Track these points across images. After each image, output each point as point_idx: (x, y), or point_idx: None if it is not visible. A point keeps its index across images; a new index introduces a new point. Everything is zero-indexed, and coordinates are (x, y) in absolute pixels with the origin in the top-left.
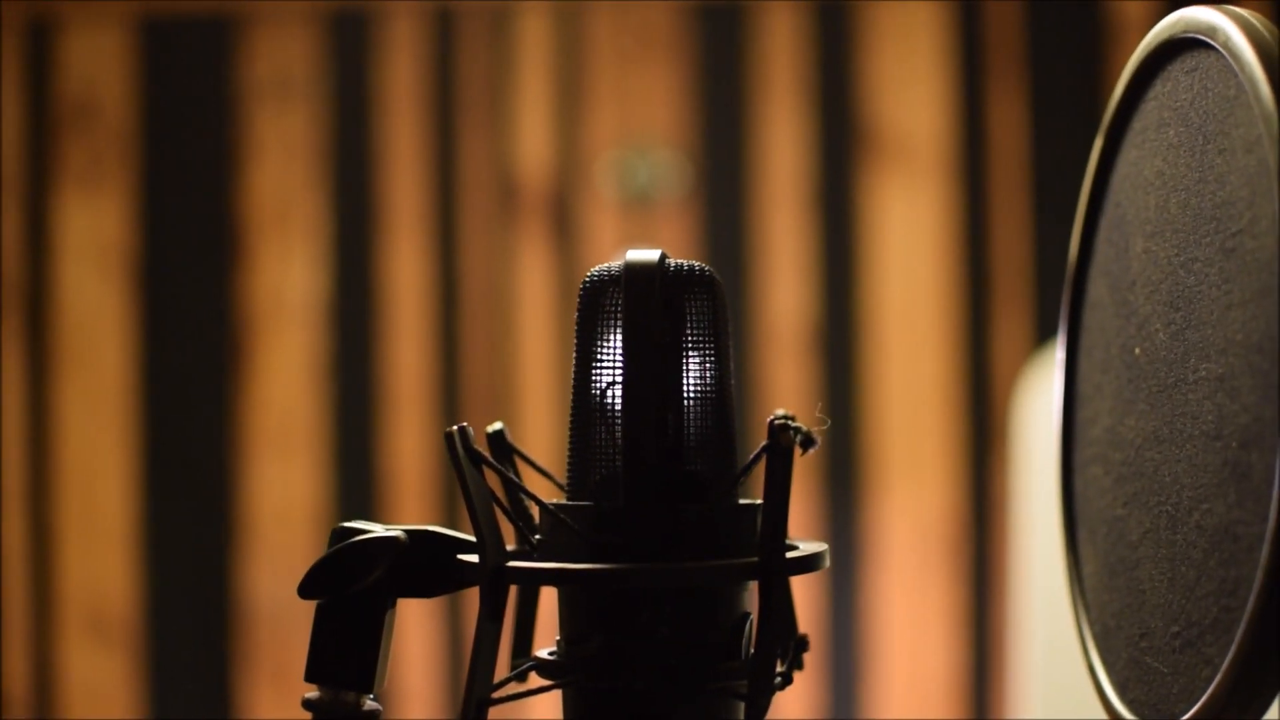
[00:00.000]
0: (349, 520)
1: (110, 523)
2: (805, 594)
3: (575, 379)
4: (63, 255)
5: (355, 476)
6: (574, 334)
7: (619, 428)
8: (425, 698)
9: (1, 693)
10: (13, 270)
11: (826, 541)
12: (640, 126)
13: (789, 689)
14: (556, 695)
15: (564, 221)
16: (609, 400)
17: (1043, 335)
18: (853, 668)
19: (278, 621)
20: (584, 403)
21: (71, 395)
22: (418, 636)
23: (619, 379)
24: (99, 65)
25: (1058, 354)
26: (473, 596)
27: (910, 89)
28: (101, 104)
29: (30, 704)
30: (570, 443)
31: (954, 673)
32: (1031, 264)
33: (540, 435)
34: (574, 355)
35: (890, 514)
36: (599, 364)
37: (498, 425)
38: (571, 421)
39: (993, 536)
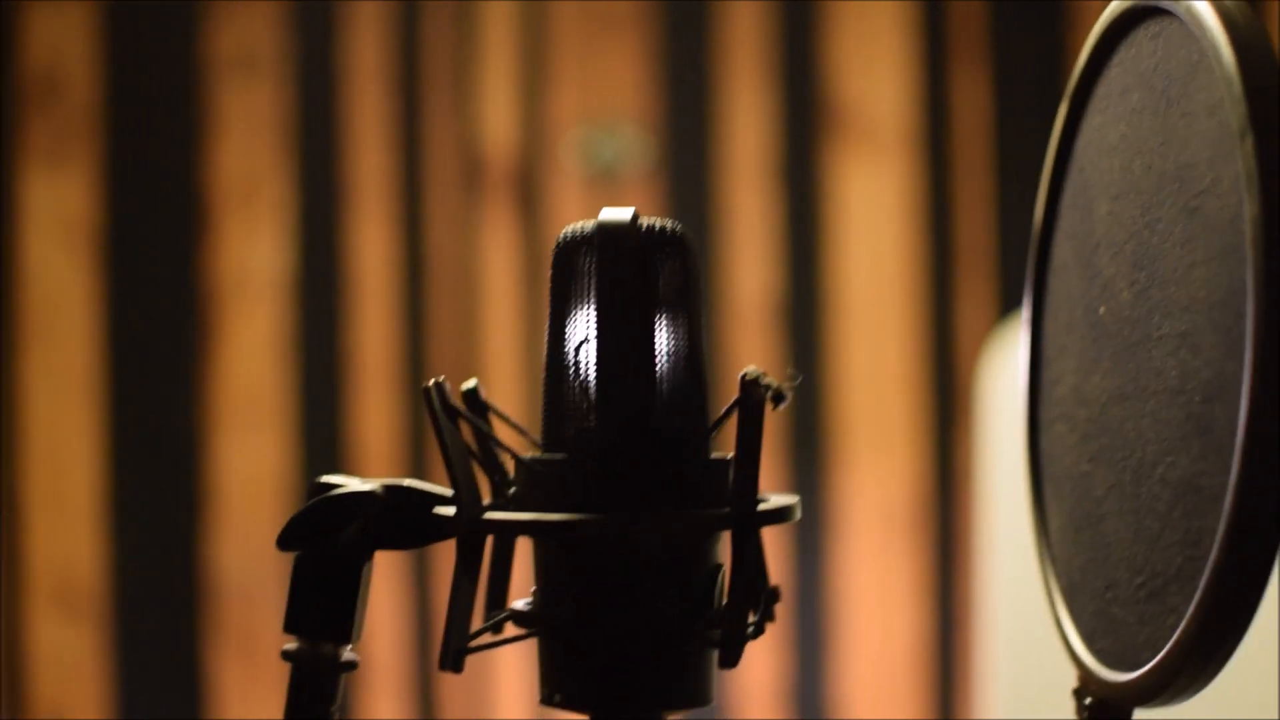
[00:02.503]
0: (326, 476)
1: (77, 496)
2: (770, 564)
3: (549, 336)
4: (27, 231)
5: (322, 449)
6: (547, 292)
7: (593, 384)
8: (391, 666)
9: None
10: None
11: None
12: (605, 103)
13: (756, 659)
14: (530, 655)
15: (529, 197)
16: (582, 357)
17: (1007, 308)
18: (818, 637)
19: (245, 593)
20: (557, 359)
21: (37, 370)
22: (386, 609)
23: (593, 336)
24: (63, 41)
25: (1023, 315)
26: (440, 563)
27: (873, 65)
28: (66, 80)
29: None
30: (544, 398)
31: (919, 642)
32: (995, 238)
33: (507, 407)
34: (547, 312)
35: (855, 485)
36: (572, 321)
37: (472, 382)
38: (545, 378)
39: (958, 506)
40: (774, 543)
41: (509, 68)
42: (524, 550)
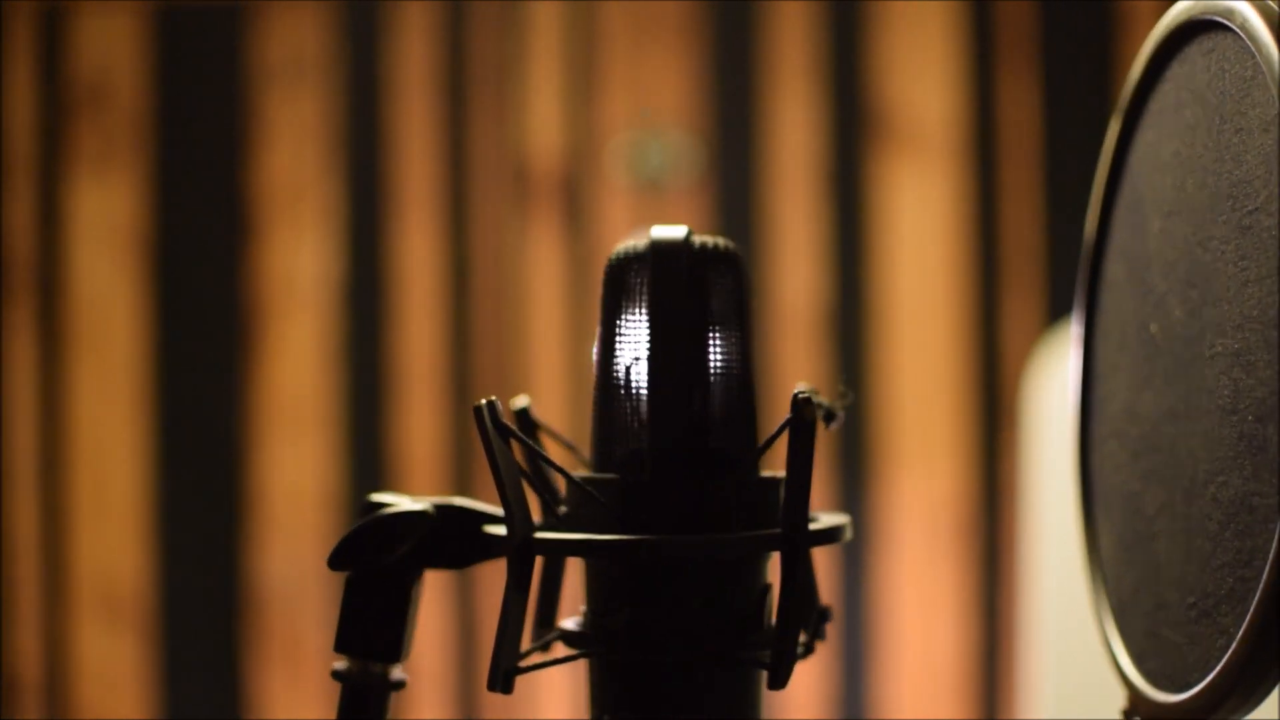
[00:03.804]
0: (377, 494)
1: (122, 504)
2: (817, 576)
3: (599, 355)
4: (76, 238)
5: (367, 458)
6: (598, 310)
7: (644, 403)
8: (436, 677)
9: (13, 673)
10: (26, 253)
11: None
12: (652, 109)
13: (801, 670)
14: (577, 674)
15: (575, 205)
16: (634, 376)
17: (1054, 318)
18: (864, 649)
19: (289, 602)
20: (609, 379)
21: (84, 377)
22: (431, 618)
23: (644, 355)
24: (112, 49)
25: (1074, 332)
26: (486, 579)
27: (922, 73)
28: (115, 87)
29: (42, 684)
30: (594, 418)
31: (965, 654)
32: (1043, 248)
33: (551, 417)
34: (598, 331)
35: (901, 496)
36: (624, 340)
37: (523, 400)
38: (596, 397)
39: (1004, 519)
40: (820, 554)
41: (555, 75)
42: (573, 569)
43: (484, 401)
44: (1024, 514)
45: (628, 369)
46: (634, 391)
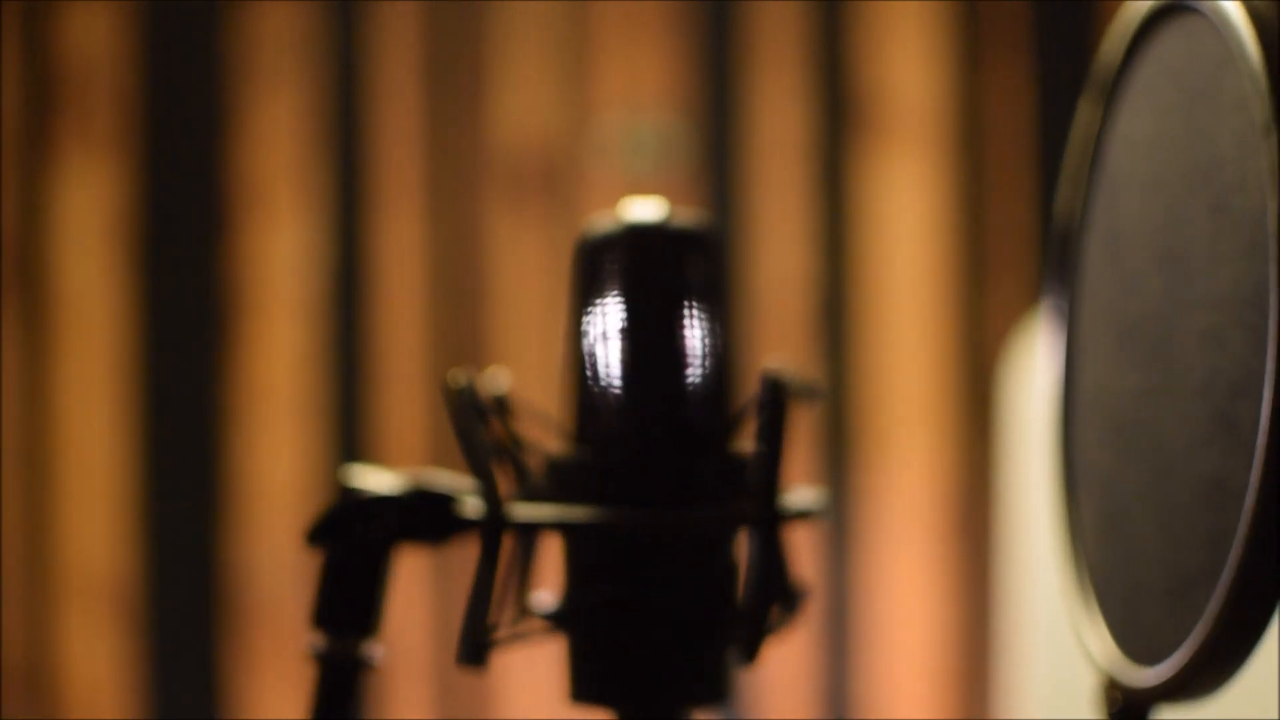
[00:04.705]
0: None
1: (106, 494)
2: (803, 560)
3: (572, 332)
4: (58, 228)
5: (350, 447)
6: (569, 287)
7: (618, 382)
8: (414, 661)
9: None
10: (7, 243)
11: None
12: (637, 96)
13: (786, 656)
14: (555, 650)
15: (558, 191)
16: (607, 353)
17: (1040, 302)
18: (847, 636)
19: (272, 590)
20: (583, 357)
21: (67, 366)
22: (411, 604)
23: (618, 333)
24: (95, 38)
25: (1049, 314)
26: (465, 566)
27: (908, 58)
28: (97, 79)
29: (25, 674)
30: (568, 396)
31: (951, 635)
32: (1029, 232)
33: (536, 399)
34: (571, 307)
35: (886, 479)
36: (598, 318)
37: (501, 378)
38: (570, 375)
39: (990, 500)
40: (806, 539)
41: (540, 59)
42: (550, 546)
43: (460, 381)
44: (1007, 498)
45: (603, 347)
46: (609, 370)
